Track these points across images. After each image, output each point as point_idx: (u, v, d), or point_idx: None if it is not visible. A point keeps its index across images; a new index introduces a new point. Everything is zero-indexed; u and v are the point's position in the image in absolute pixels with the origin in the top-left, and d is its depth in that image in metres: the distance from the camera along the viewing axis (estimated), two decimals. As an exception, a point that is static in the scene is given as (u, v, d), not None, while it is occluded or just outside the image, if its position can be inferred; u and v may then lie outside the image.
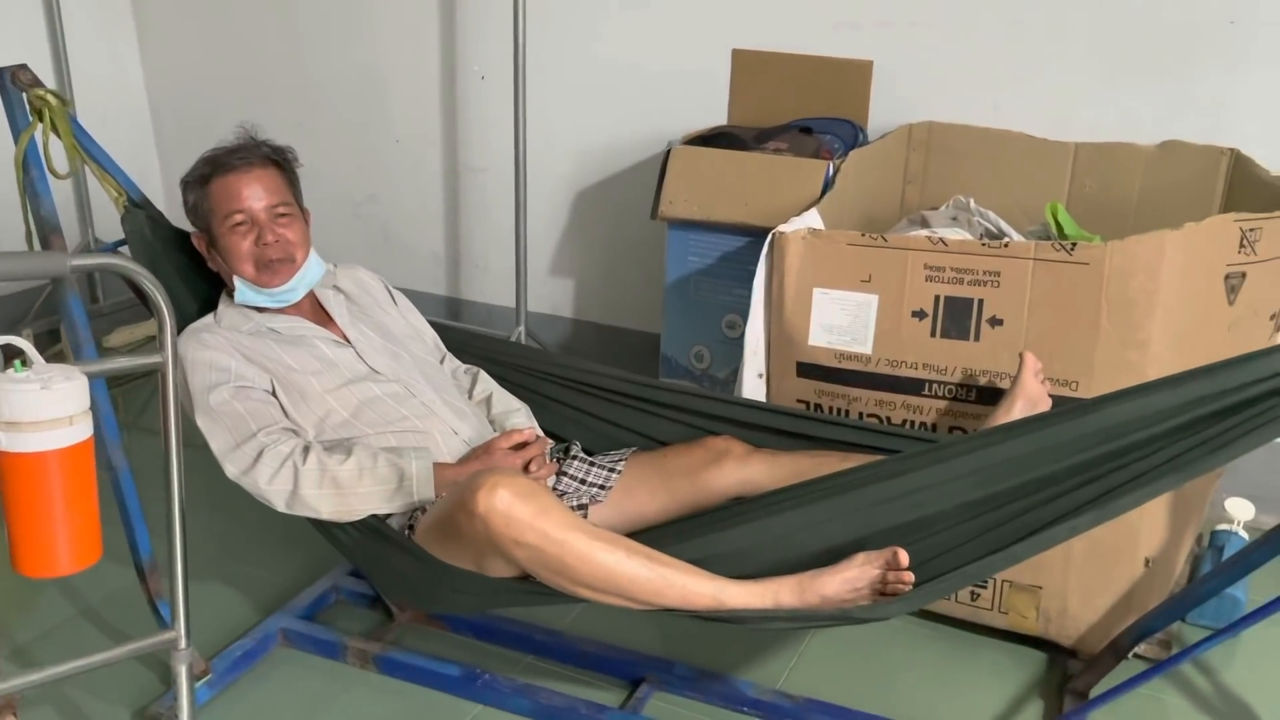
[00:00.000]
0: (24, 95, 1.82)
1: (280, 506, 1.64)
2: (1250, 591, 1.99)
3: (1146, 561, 1.82)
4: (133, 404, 2.98)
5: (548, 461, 1.77)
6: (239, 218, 1.77)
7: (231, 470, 1.65)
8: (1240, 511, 2.12)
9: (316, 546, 1.92)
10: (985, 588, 1.92)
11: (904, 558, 1.40)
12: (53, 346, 3.01)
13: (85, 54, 3.33)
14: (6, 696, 1.70)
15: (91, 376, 1.24)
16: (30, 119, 1.82)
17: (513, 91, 2.72)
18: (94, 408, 1.76)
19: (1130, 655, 1.81)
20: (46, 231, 1.83)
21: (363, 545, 1.66)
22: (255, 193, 1.78)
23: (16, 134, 1.81)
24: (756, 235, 1.99)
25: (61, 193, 3.31)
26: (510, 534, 1.40)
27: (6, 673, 1.68)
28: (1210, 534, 2.15)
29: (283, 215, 1.80)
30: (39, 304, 3.11)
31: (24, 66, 1.84)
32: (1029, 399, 1.68)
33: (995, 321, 1.81)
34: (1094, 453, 1.38)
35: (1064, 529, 1.34)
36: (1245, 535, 2.09)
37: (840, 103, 2.54)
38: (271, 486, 1.63)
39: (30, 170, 1.82)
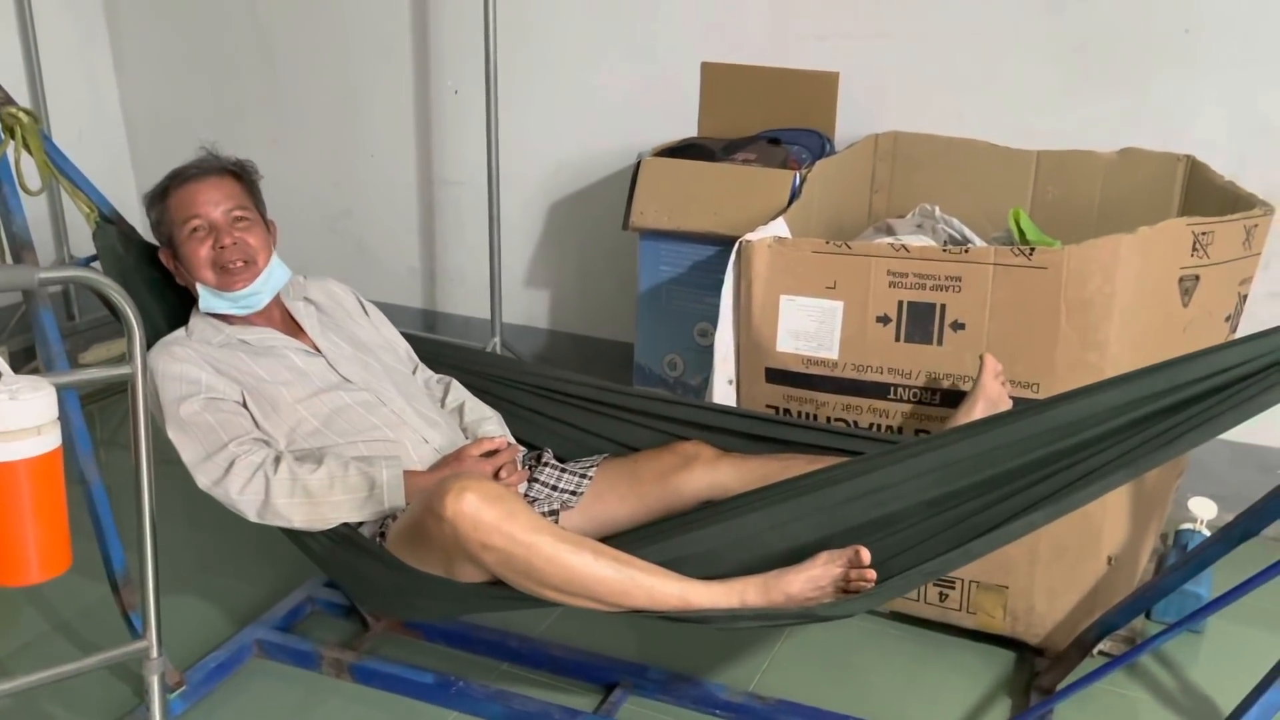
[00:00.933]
0: (-5, 113, 1.84)
1: (252, 516, 1.65)
2: (1213, 589, 2.02)
3: (1109, 559, 1.85)
4: (109, 420, 2.98)
5: (519, 469, 1.79)
6: (196, 223, 1.79)
7: (203, 481, 1.66)
8: (1203, 510, 2.16)
9: (292, 558, 1.93)
10: (953, 588, 1.95)
11: (865, 556, 1.43)
12: (29, 364, 3.02)
13: (61, 74, 3.34)
14: (-21, 710, 1.71)
15: (61, 388, 1.25)
16: (2, 136, 1.83)
17: (485, 106, 2.75)
18: (66, 422, 1.79)
19: (1095, 653, 1.85)
20: (18, 247, 1.83)
21: (335, 554, 1.67)
22: (212, 199, 1.80)
23: (-12, 151, 1.82)
24: (726, 244, 2.02)
25: (37, 210, 3.32)
26: (478, 537, 1.42)
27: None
28: (1174, 533, 2.19)
29: (241, 219, 1.82)
30: (14, 322, 3.11)
31: (-5, 84, 1.86)
32: (989, 400, 1.71)
33: (957, 326, 1.84)
34: (1047, 450, 1.41)
35: (1020, 525, 1.37)
36: (1209, 534, 2.12)
37: (807, 114, 2.58)
38: (243, 496, 1.64)
39: (2, 187, 1.83)
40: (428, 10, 3.02)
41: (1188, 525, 2.17)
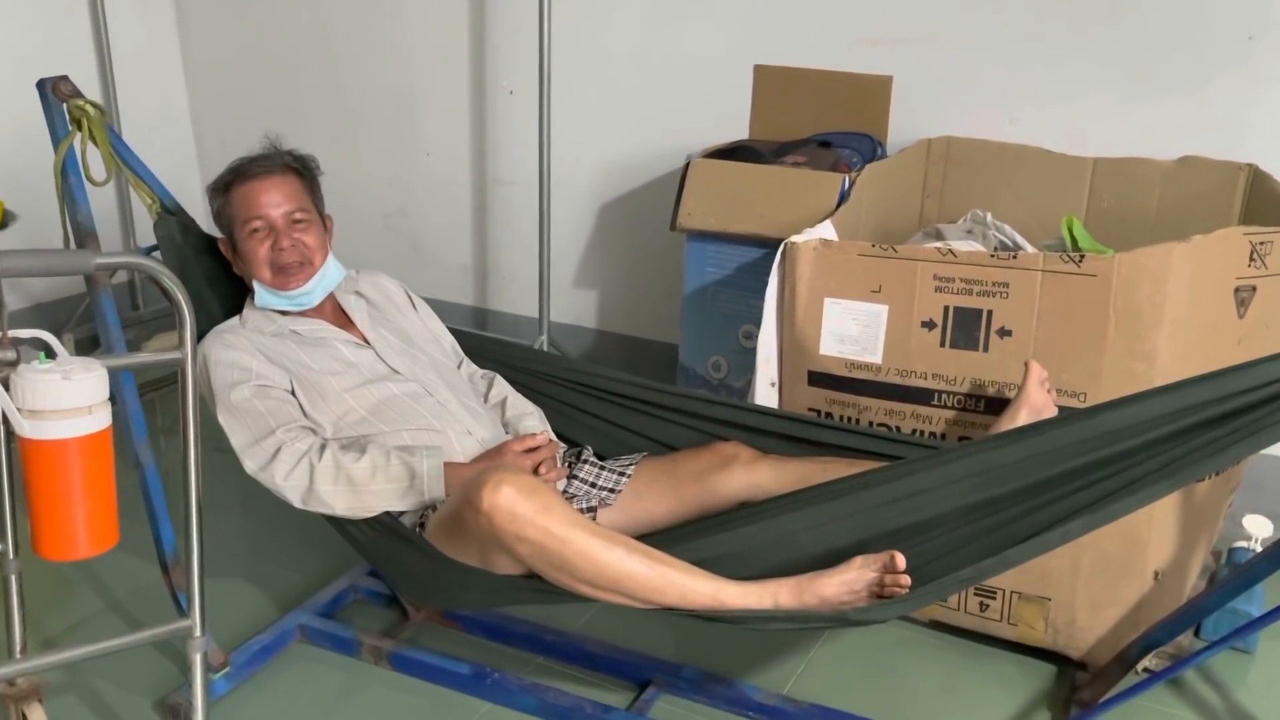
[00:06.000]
0: (64, 105, 1.90)
1: (296, 502, 1.69)
2: (1265, 608, 1.97)
3: (1156, 574, 1.81)
4: (170, 409, 3.06)
5: (558, 465, 1.80)
6: (257, 224, 1.84)
7: (250, 466, 1.70)
8: (1259, 529, 2.10)
9: (337, 547, 1.97)
10: (994, 599, 1.92)
11: (900, 561, 1.42)
12: (93, 351, 3.11)
13: (131, 70, 3.45)
14: (33, 682, 1.75)
15: (112, 370, 1.29)
16: (69, 128, 1.89)
17: (538, 106, 2.78)
18: (123, 406, 1.85)
19: (1139, 669, 1.81)
20: (82, 236, 1.90)
21: (376, 541, 1.70)
22: (273, 200, 1.84)
23: (57, 143, 1.89)
24: (773, 246, 2.02)
25: (105, 201, 3.43)
26: (513, 530, 1.44)
27: (29, 655, 1.74)
28: (1228, 551, 2.13)
29: (299, 221, 1.86)
30: (81, 310, 3.21)
31: (65, 78, 1.92)
32: (1034, 408, 1.69)
33: (1004, 332, 1.82)
34: (1088, 459, 1.39)
35: (1058, 534, 1.35)
36: (1262, 552, 2.07)
37: (860, 117, 2.57)
38: (288, 482, 1.68)
39: (69, 177, 1.89)
40: (484, 11, 3.06)
41: (1242, 543, 2.11)
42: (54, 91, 1.90)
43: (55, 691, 1.83)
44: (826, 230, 2.06)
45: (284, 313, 1.89)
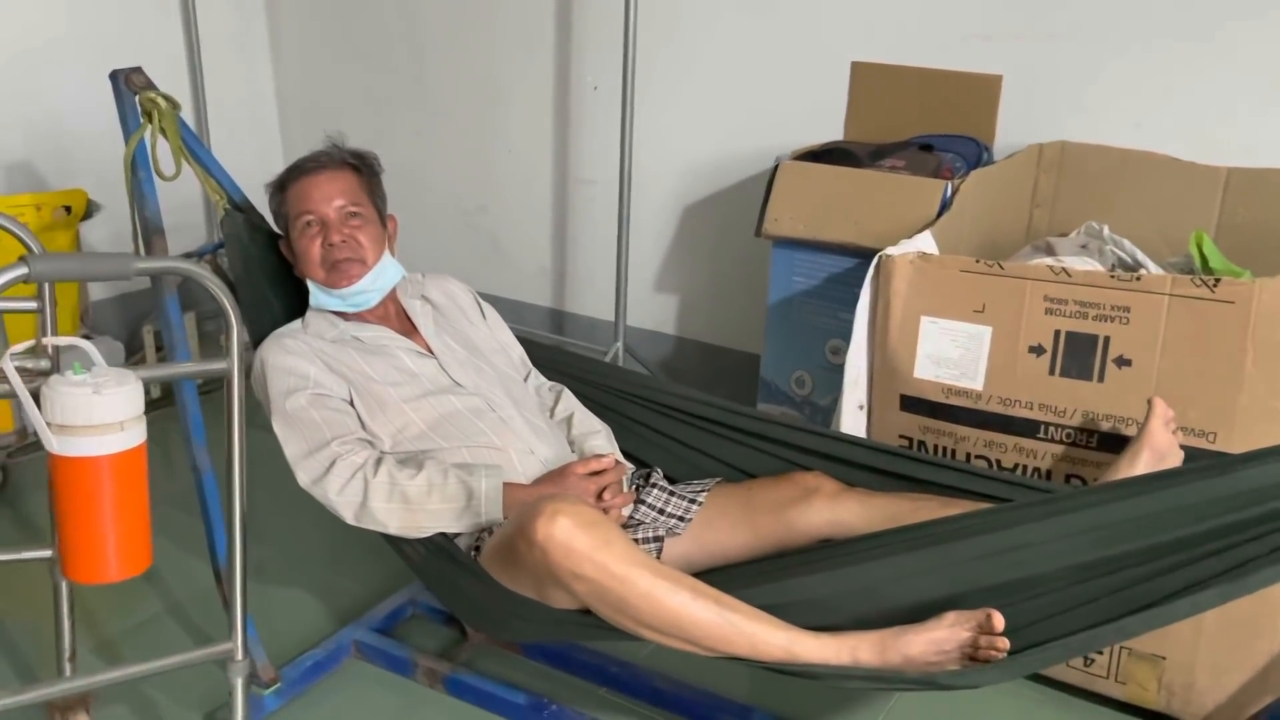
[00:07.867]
0: (136, 98, 1.85)
1: (349, 518, 1.61)
2: None
3: (1289, 638, 1.62)
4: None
5: (625, 489, 1.69)
6: (308, 218, 1.77)
7: (303, 478, 1.63)
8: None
9: (397, 557, 1.89)
10: (1101, 653, 1.74)
11: (998, 621, 1.26)
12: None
13: (219, 61, 3.43)
14: (81, 692, 1.71)
15: (151, 381, 1.21)
16: (140, 120, 1.85)
17: (621, 102, 2.66)
18: (182, 409, 1.80)
19: (1266, 742, 1.62)
20: (150, 232, 1.85)
21: (430, 563, 1.61)
22: (325, 194, 1.77)
23: (128, 136, 1.84)
24: (866, 257, 1.88)
25: (188, 193, 3.43)
26: (569, 565, 1.33)
27: (80, 667, 1.70)
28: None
29: (353, 216, 1.78)
30: (163, 301, 3.21)
31: (138, 69, 1.87)
32: (1156, 451, 1.51)
33: (1122, 361, 1.64)
34: (1228, 519, 1.21)
35: (1186, 604, 1.18)
36: None
37: (965, 119, 2.39)
38: (341, 497, 1.60)
39: (138, 172, 1.84)
40: (570, 3, 2.96)
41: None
42: (127, 83, 1.86)
43: (104, 700, 1.78)
44: (925, 242, 1.91)
45: (346, 317, 1.82)
